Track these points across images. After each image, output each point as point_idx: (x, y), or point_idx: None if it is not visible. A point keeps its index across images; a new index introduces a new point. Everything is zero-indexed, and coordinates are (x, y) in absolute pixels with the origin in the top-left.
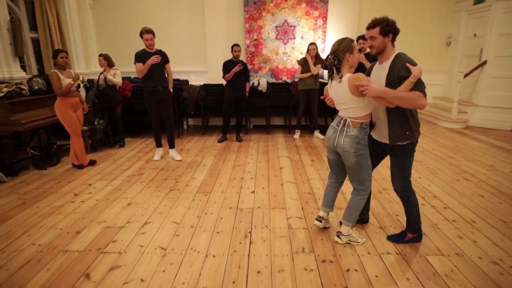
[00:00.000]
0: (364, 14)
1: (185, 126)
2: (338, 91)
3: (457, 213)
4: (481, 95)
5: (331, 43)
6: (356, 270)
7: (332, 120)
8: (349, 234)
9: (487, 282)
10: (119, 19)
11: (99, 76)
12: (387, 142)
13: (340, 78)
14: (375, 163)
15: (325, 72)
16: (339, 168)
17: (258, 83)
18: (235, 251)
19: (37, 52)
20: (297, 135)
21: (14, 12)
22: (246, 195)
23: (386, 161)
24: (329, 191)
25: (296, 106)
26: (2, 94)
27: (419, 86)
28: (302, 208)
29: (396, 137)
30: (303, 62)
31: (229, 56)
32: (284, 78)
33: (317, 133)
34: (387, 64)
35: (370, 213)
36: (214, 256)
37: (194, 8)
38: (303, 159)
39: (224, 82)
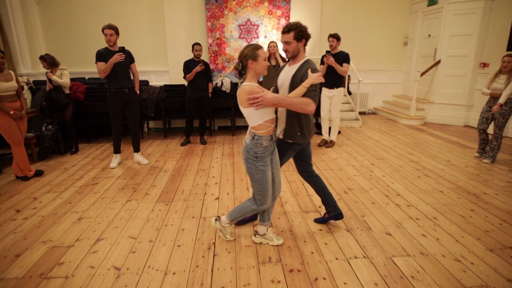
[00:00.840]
0: (326, 14)
1: (146, 129)
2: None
3: (420, 211)
4: (436, 93)
5: None
6: (324, 278)
7: None
8: (224, 227)
9: (451, 281)
10: (70, 17)
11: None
12: (281, 138)
13: (241, 84)
14: (304, 162)
15: None
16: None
17: (222, 83)
18: (197, 266)
19: None
20: None
21: None
22: (210, 202)
23: (352, 161)
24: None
25: None
26: None
27: (311, 92)
28: None
29: (288, 134)
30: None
31: (191, 55)
32: None
33: None
34: (295, 66)
35: None
36: (174, 273)
37: (154, 5)
38: None
39: (186, 83)
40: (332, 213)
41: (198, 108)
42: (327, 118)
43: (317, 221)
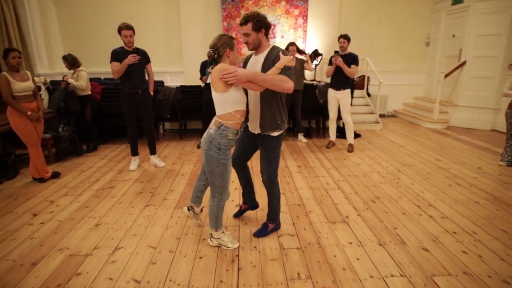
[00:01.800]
0: (344, 13)
1: (161, 131)
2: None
3: (456, 224)
4: (460, 95)
5: (312, 42)
6: None
7: (316, 122)
8: (219, 238)
9: None
10: (87, 16)
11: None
12: (260, 131)
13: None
14: (246, 155)
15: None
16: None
17: None
18: (221, 281)
19: (3, 52)
20: (301, 136)
21: None
22: (230, 209)
23: (377, 167)
24: (194, 190)
25: None
26: None
27: (286, 71)
28: (293, 224)
29: (269, 126)
30: None
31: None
32: None
33: (300, 136)
34: (262, 55)
35: (367, 227)
36: None
37: (169, 4)
38: (289, 165)
39: (202, 84)
40: (249, 203)
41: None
42: (335, 119)
43: (236, 215)
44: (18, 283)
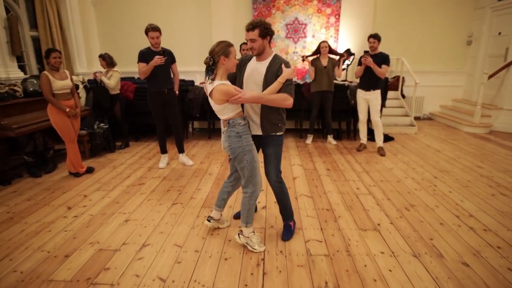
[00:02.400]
0: (380, 11)
1: (190, 130)
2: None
3: (501, 238)
4: (506, 98)
5: (344, 42)
6: None
7: (347, 123)
8: (248, 237)
9: None
10: (123, 17)
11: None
12: (261, 133)
13: (212, 80)
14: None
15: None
16: (234, 169)
17: None
18: (246, 285)
19: (37, 51)
20: (309, 140)
21: (13, 9)
22: (258, 211)
23: (411, 173)
24: (221, 190)
25: (308, 109)
26: None
27: (287, 87)
28: (321, 229)
29: (270, 128)
30: (316, 63)
31: (238, 55)
32: (294, 79)
33: (330, 138)
34: (265, 63)
35: (400, 236)
36: None
37: (201, 5)
38: (318, 167)
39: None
40: None
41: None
42: (365, 121)
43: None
44: (51, 274)
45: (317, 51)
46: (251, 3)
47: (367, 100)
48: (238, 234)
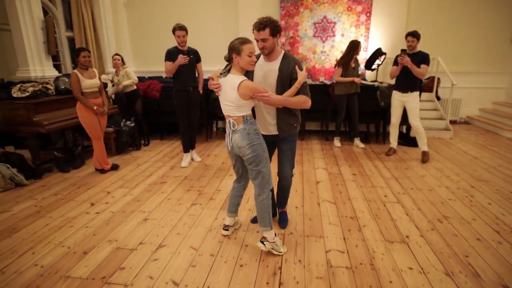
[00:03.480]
0: (414, 9)
1: (214, 129)
2: (225, 88)
3: None
4: None
5: (375, 40)
6: None
7: (376, 126)
8: (274, 242)
9: None
10: (152, 18)
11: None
12: (277, 133)
13: (226, 74)
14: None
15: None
16: (241, 172)
17: None
18: None
19: (72, 50)
20: (338, 142)
21: (51, 11)
22: (276, 217)
23: (445, 181)
24: (233, 194)
25: (334, 111)
26: (27, 94)
27: (304, 89)
28: (344, 238)
29: (287, 130)
30: (345, 64)
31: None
32: (322, 79)
33: (357, 141)
34: (276, 63)
35: (431, 251)
36: None
37: (228, 6)
38: (343, 172)
39: None
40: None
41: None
42: (397, 125)
43: (253, 221)
44: (69, 270)
45: (353, 51)
46: (278, 1)
47: (404, 103)
48: (262, 242)
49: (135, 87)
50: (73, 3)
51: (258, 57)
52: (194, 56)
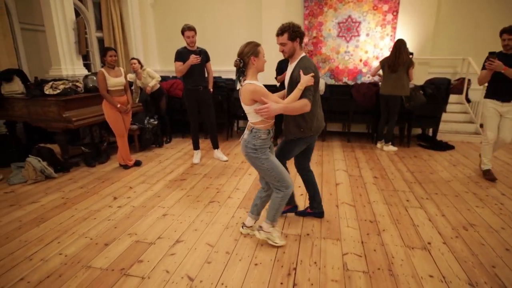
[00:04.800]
0: (444, 7)
1: (235, 128)
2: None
3: None
4: None
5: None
6: None
7: (400, 129)
8: (269, 232)
9: None
10: (178, 18)
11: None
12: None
13: (243, 82)
14: (304, 159)
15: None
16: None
17: None
18: None
19: (102, 50)
20: (389, 147)
21: (83, 13)
22: (293, 217)
23: (473, 187)
24: (256, 196)
25: (356, 112)
26: (58, 91)
27: (306, 92)
28: (362, 242)
29: (291, 134)
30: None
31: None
32: (345, 80)
33: (388, 147)
34: (293, 64)
35: (454, 259)
36: None
37: (252, 5)
38: (364, 174)
39: (277, 83)
40: (316, 209)
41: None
42: (494, 141)
43: (298, 213)
44: (90, 261)
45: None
46: (302, 1)
47: (503, 114)
48: (258, 230)
49: (159, 86)
50: (103, 4)
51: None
52: (204, 56)
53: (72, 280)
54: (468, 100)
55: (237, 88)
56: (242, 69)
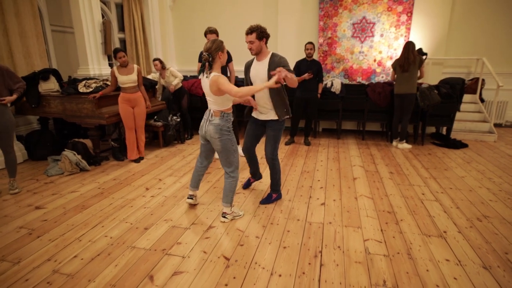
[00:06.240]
0: (458, 9)
1: None
2: (205, 86)
3: None
4: None
5: (416, 41)
6: None
7: (414, 127)
8: (232, 212)
9: None
10: (196, 20)
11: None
12: (275, 118)
13: (209, 74)
14: (255, 141)
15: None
16: (206, 154)
17: (332, 84)
18: (303, 273)
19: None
20: (403, 145)
21: (106, 15)
22: (315, 207)
23: (487, 182)
24: (196, 173)
25: (371, 111)
26: (91, 89)
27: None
28: (381, 230)
29: (281, 114)
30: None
31: (300, 55)
32: (359, 79)
33: (402, 145)
34: (265, 61)
35: (469, 246)
36: (280, 275)
37: (268, 7)
38: (380, 170)
39: None
40: (257, 177)
41: (305, 108)
42: None
43: (244, 185)
44: (134, 242)
45: (421, 54)
46: (318, 3)
47: None
48: (224, 216)
49: (181, 84)
50: (125, 7)
51: (252, 62)
52: (227, 56)
53: (120, 258)
54: (482, 100)
55: (199, 77)
56: (210, 63)
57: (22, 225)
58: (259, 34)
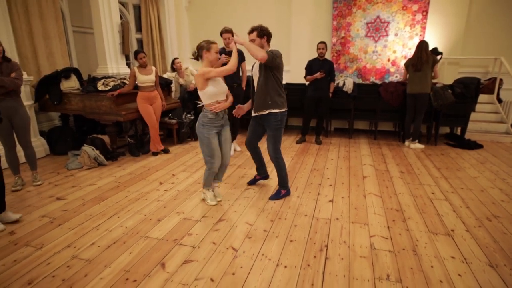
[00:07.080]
0: (475, 7)
1: None
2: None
3: None
4: None
5: (431, 40)
6: None
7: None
8: (204, 193)
9: None
10: (210, 20)
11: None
12: (264, 113)
13: (197, 71)
14: (256, 137)
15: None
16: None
17: (344, 84)
18: (308, 265)
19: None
20: (416, 145)
21: (124, 16)
22: (323, 204)
23: (500, 183)
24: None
25: (384, 110)
26: (109, 88)
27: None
28: (388, 227)
29: (259, 107)
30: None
31: (313, 54)
32: (372, 79)
33: (415, 144)
34: None
35: (476, 245)
36: (285, 266)
37: (282, 6)
38: (390, 169)
39: (306, 82)
40: (262, 175)
41: (317, 107)
42: None
43: (249, 183)
44: (147, 232)
45: (436, 53)
46: (331, 2)
47: None
48: (202, 191)
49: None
50: (142, 8)
51: None
52: (240, 56)
53: (134, 247)
54: (500, 100)
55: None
56: (198, 59)
57: (44, 214)
58: (260, 32)
